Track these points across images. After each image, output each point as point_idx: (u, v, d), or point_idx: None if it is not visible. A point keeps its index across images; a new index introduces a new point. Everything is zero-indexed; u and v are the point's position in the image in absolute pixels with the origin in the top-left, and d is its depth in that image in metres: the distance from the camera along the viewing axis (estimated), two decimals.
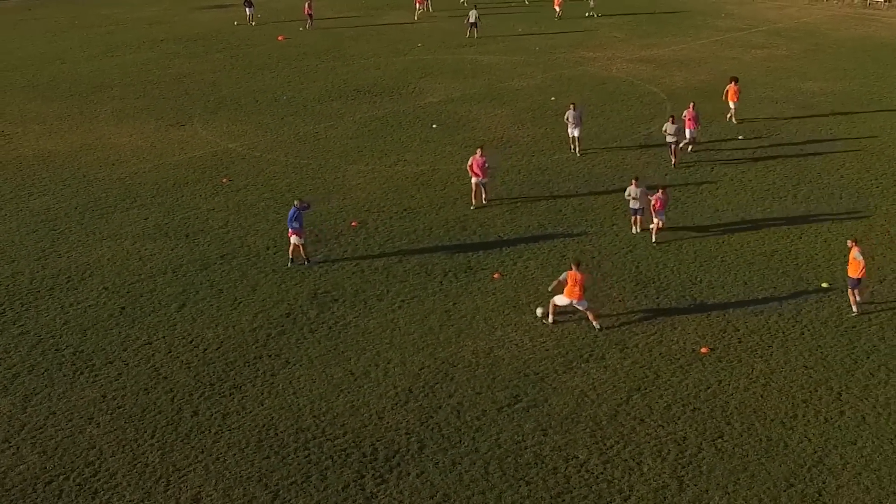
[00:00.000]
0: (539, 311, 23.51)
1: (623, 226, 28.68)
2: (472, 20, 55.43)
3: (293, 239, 26.14)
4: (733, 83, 38.49)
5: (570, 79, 46.00)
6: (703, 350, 21.95)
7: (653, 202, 27.54)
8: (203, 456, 18.62)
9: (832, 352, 21.89)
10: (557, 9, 61.18)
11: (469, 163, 30.24)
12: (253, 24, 60.71)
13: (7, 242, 28.58)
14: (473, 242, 27.88)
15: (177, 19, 63.25)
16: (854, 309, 23.58)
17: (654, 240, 27.57)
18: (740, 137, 36.75)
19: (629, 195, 28.04)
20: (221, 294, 25.06)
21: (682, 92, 43.16)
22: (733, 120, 38.40)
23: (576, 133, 34.99)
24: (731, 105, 38.56)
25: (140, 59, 51.81)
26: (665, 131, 33.53)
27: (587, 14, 61.75)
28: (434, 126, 39.01)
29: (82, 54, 53.36)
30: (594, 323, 22.91)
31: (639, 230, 28.07)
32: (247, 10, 61.27)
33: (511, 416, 19.63)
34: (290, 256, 26.45)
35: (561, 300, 22.95)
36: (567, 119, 35.09)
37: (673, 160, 33.61)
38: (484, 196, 30.53)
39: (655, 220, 27.67)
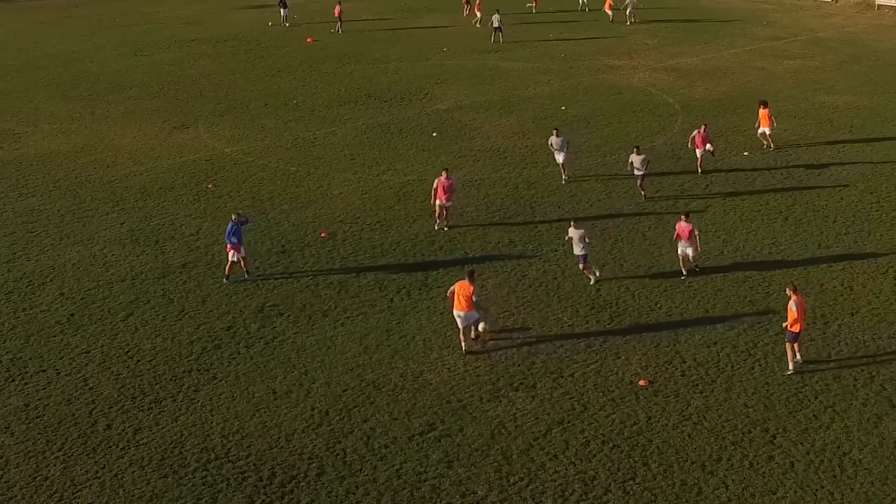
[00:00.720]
0: (481, 327, 22.94)
1: (596, 247, 27.81)
2: (495, 24, 54.77)
3: (230, 255, 25.81)
4: (763, 108, 35.99)
5: (587, 87, 45.01)
6: (641, 382, 21.06)
7: (677, 231, 26.04)
8: (103, 472, 18.47)
9: (779, 389, 20.80)
10: (609, 12, 60.32)
11: (434, 185, 29.20)
12: (286, 25, 60.86)
13: None
14: (437, 259, 27.32)
15: (214, 19, 63.78)
16: (790, 366, 21.36)
17: (683, 274, 25.91)
18: (746, 154, 35.44)
19: (569, 237, 25.95)
20: (171, 304, 24.98)
21: (699, 104, 41.87)
22: (772, 146, 35.78)
23: (560, 159, 33.10)
24: (766, 131, 35.59)
25: (166, 59, 52.34)
26: (631, 164, 31.21)
27: (579, 9, 63.27)
28: (434, 134, 38.51)
29: (112, 53, 54.14)
30: (468, 343, 22.22)
31: (593, 281, 25.79)
32: (281, 11, 61.46)
33: (421, 445, 19.06)
34: (226, 273, 26.09)
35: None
36: (551, 145, 33.30)
37: (643, 193, 31.18)
38: (447, 220, 29.40)
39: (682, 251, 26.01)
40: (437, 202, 29.18)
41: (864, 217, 29.76)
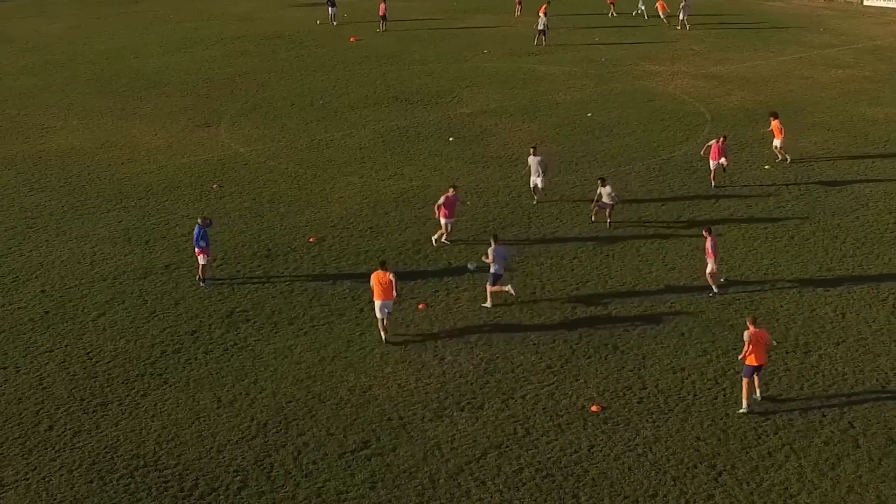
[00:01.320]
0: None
1: (584, 261, 27.04)
2: (539, 27, 53.92)
3: (200, 259, 25.78)
4: (773, 119, 34.79)
5: (619, 93, 43.96)
6: (594, 408, 20.29)
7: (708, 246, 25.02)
8: (33, 474, 18.54)
9: (738, 423, 19.80)
10: (662, 16, 59.05)
11: (439, 202, 27.98)
12: (334, 24, 61.00)
13: None
14: (418, 269, 26.85)
15: (265, 16, 64.31)
16: (744, 404, 19.92)
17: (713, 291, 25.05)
18: (767, 167, 34.10)
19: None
20: (144, 305, 25.06)
21: (731, 113, 40.50)
22: (787, 158, 34.43)
23: (538, 181, 30.81)
24: (777, 143, 34.35)
25: (207, 56, 52.90)
26: (599, 196, 29.09)
27: (634, 14, 61.92)
28: (451, 139, 38.03)
29: (157, 49, 54.94)
30: (388, 335, 22.90)
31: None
32: (329, 9, 61.59)
33: (349, 463, 18.67)
34: (201, 276, 26.11)
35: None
36: (528, 165, 31.22)
37: (608, 221, 29.14)
38: (445, 236, 28.48)
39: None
40: (442, 219, 28.13)
41: (875, 239, 28.32)
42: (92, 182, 34.03)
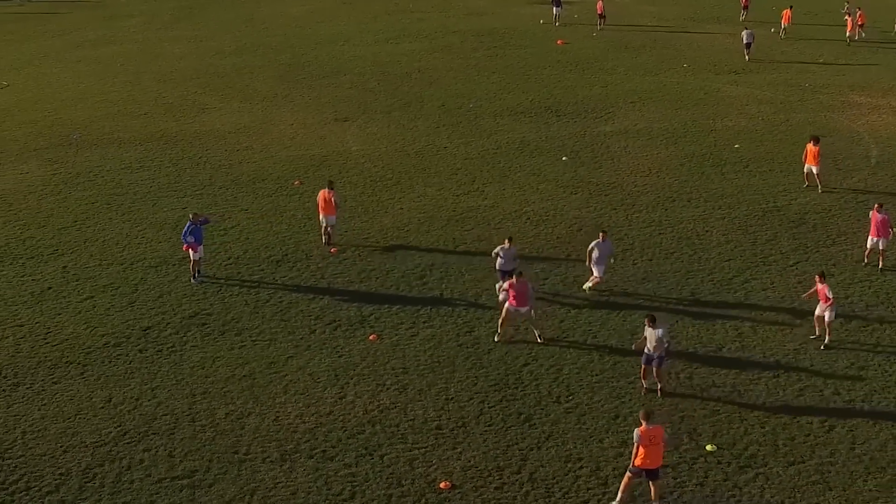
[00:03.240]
0: None
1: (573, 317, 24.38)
2: (745, 41, 49.15)
3: (191, 254, 26.08)
4: (813, 144, 31.97)
5: (791, 125, 38.98)
6: (443, 484, 18.20)
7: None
8: None
9: None
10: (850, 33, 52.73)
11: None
12: (557, 24, 59.39)
13: (56, 207, 31.82)
14: (410, 295, 25.44)
15: (495, 11, 63.89)
16: None
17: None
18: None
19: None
20: (132, 294, 25.92)
21: None
22: (818, 186, 31.97)
23: (596, 272, 25.22)
24: (814, 169, 31.95)
25: (407, 49, 53.54)
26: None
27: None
28: (564, 159, 35.70)
29: (370, 38, 56.46)
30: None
31: None
32: (554, 8, 59.99)
33: (158, 490, 18.12)
34: (192, 272, 26.41)
35: None
36: (589, 251, 25.29)
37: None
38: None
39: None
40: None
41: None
42: (195, 165, 35.73)
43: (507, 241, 25.20)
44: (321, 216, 28.36)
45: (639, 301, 24.99)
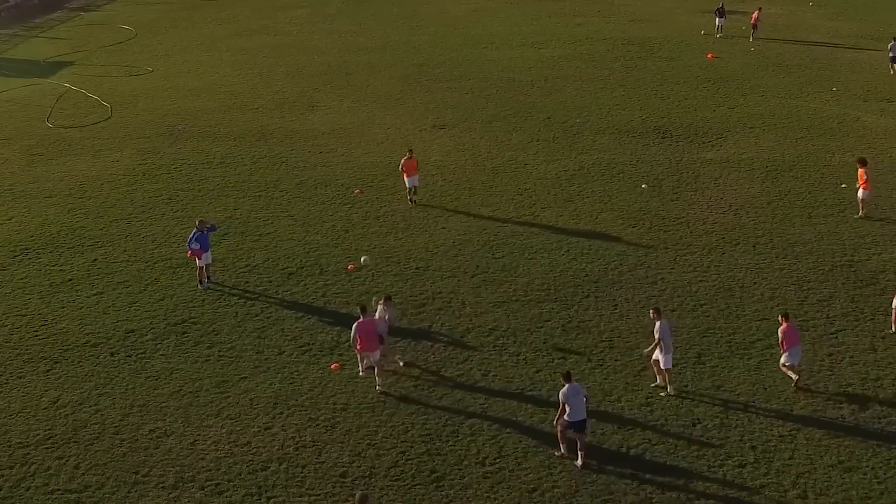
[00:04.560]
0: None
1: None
2: (892, 54, 44.31)
3: (197, 261, 26.13)
4: (861, 167, 30.62)
5: (886, 167, 34.58)
6: None
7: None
8: None
9: None
10: None
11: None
12: (718, 35, 55.58)
13: (122, 198, 32.87)
14: (397, 325, 24.28)
15: (659, 19, 60.50)
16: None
17: None
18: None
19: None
20: (138, 294, 26.44)
21: None
22: (860, 213, 30.54)
23: (662, 360, 21.34)
24: (860, 194, 30.52)
25: (546, 55, 51.69)
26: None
27: None
28: (643, 186, 33.26)
29: (517, 41, 54.83)
30: None
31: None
32: (717, 19, 56.11)
33: (52, 500, 18.32)
34: (199, 278, 26.47)
35: None
36: (654, 330, 21.39)
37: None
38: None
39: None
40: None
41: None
42: (270, 165, 36.06)
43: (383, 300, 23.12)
44: (405, 179, 31.80)
45: (633, 358, 22.84)
